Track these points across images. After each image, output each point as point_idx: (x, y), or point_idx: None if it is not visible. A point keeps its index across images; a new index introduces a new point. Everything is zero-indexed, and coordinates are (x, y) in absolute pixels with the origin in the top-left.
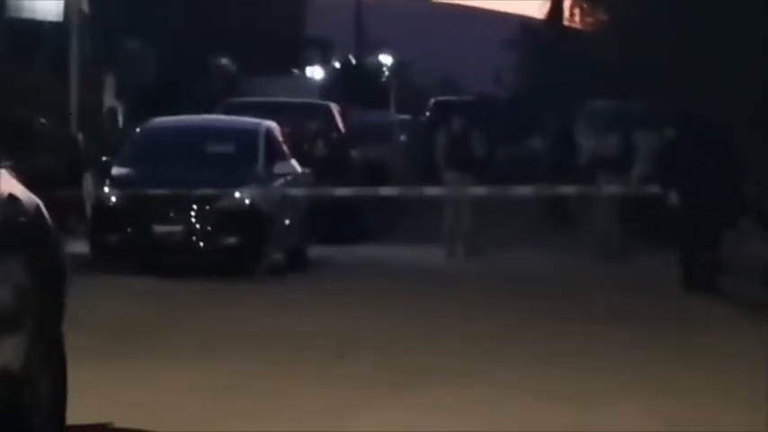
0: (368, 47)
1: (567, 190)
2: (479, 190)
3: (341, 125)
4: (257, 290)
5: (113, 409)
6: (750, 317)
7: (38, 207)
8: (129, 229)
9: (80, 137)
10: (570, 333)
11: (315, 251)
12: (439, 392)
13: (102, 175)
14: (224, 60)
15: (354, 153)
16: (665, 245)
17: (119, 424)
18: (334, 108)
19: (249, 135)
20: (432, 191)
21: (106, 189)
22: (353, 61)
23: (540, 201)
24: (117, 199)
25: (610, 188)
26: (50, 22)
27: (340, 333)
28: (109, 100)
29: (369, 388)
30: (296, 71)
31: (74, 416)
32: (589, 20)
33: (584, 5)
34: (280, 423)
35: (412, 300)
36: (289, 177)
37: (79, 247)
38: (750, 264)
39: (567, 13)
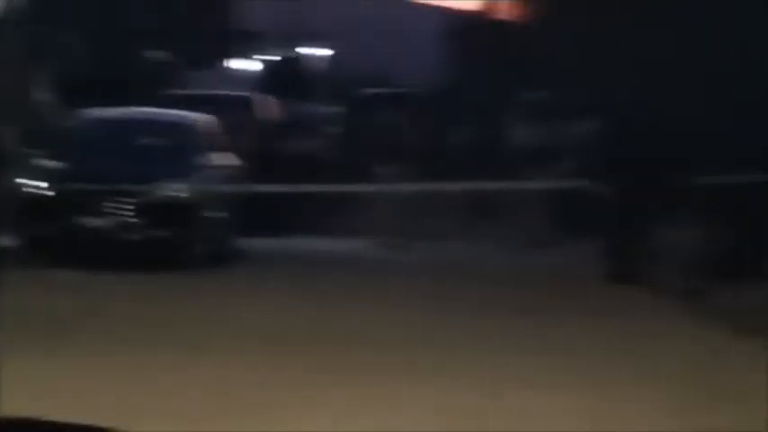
0: (300, 39)
1: (495, 185)
2: (411, 184)
3: (271, 117)
4: (188, 282)
5: (42, 401)
6: (673, 306)
7: None
8: (59, 222)
9: (10, 130)
10: (496, 323)
11: (245, 243)
12: (377, 383)
13: (33, 167)
14: (158, 52)
15: (285, 145)
16: (593, 236)
17: (48, 416)
18: (264, 100)
19: (181, 128)
20: (361, 186)
21: (37, 182)
22: (283, 53)
23: (471, 193)
24: (47, 192)
25: (537, 180)
26: None
27: (271, 324)
28: (41, 92)
29: (300, 378)
30: (228, 64)
31: (1, 408)
32: (519, 12)
33: None
34: (209, 413)
35: (342, 291)
36: (220, 170)
37: (8, 240)
38: (677, 254)
39: (497, 5)
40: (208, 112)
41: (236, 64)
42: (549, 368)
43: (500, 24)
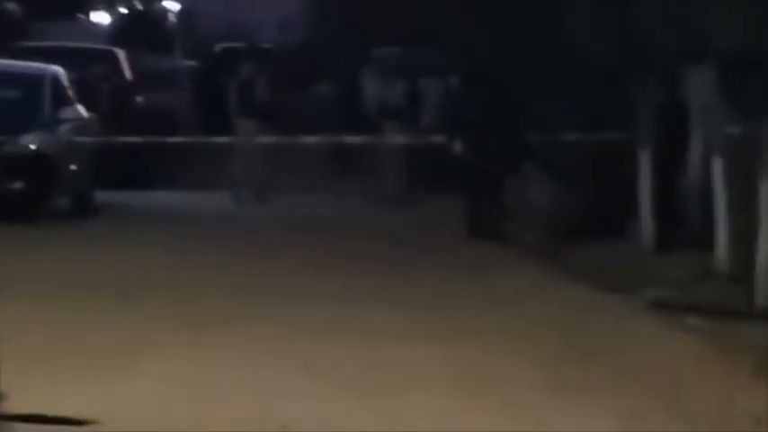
0: None
1: (354, 139)
2: (268, 138)
3: (126, 71)
4: (42, 235)
5: None
6: (532, 263)
7: None
8: None
9: None
10: (354, 277)
11: (101, 196)
12: (225, 334)
13: None
14: (8, 4)
15: (140, 99)
16: (450, 193)
17: None
18: (120, 53)
19: (35, 80)
20: (218, 139)
21: None
22: (139, 6)
23: (327, 148)
24: None
25: (395, 137)
26: None
27: (128, 276)
28: None
29: (156, 330)
30: (81, 16)
31: None
32: None
33: None
34: (66, 361)
35: (199, 244)
36: (75, 123)
37: None
38: (533, 210)
39: None
40: (73, 65)
41: (94, 16)
42: (422, 321)
43: None
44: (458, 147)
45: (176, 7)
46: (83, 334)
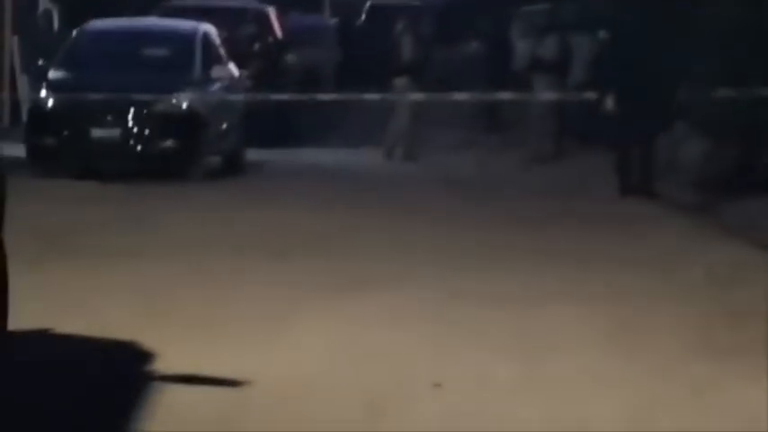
0: None
1: (504, 96)
2: (419, 95)
3: (277, 29)
4: (193, 193)
5: (52, 312)
6: (683, 220)
7: None
8: (65, 133)
9: (15, 40)
10: (507, 236)
11: (252, 155)
12: (381, 296)
13: (39, 78)
14: None
15: (291, 57)
16: (602, 149)
17: (57, 327)
18: (271, 12)
19: (186, 38)
20: (368, 96)
21: (43, 93)
22: None
23: (477, 105)
24: (53, 103)
25: (545, 94)
26: None
27: (277, 237)
28: (44, 2)
29: (309, 291)
30: None
31: (11, 321)
32: None
33: None
34: (217, 323)
35: (350, 203)
36: (226, 81)
37: (16, 151)
38: (684, 167)
39: None
40: (224, 24)
41: None
42: (572, 281)
43: None
44: (609, 103)
45: None
46: (234, 294)
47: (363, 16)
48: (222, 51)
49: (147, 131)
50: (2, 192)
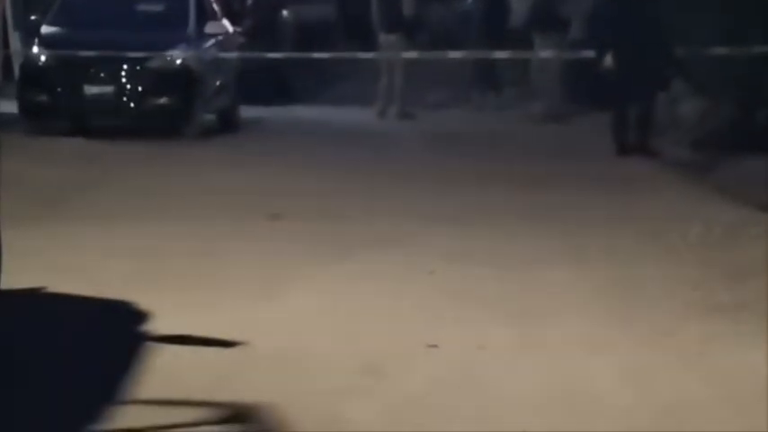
0: None
1: (501, 54)
2: (412, 53)
3: None
4: (188, 151)
5: (43, 272)
6: (681, 179)
7: None
8: (58, 90)
9: None
10: (498, 196)
11: (246, 112)
12: (373, 257)
13: (31, 34)
14: None
15: (286, 13)
16: (600, 108)
17: (50, 287)
18: None
19: None
20: (363, 54)
21: (35, 49)
22: None
23: (474, 64)
24: (46, 59)
25: (543, 52)
26: None
27: (272, 196)
28: None
29: (305, 252)
30: None
31: (3, 279)
32: None
33: None
34: (212, 284)
35: (343, 162)
36: (220, 38)
37: (7, 107)
38: (681, 127)
39: None
40: None
41: None
42: (568, 243)
43: None
44: (608, 60)
45: None
46: (228, 256)
47: None
48: (216, 7)
49: (140, 88)
50: None
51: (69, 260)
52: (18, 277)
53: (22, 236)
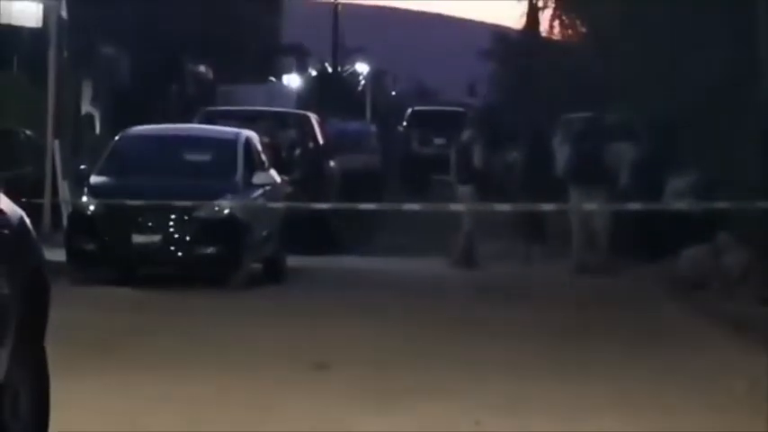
0: (344, 55)
1: (548, 206)
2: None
3: (319, 135)
4: (235, 301)
5: (91, 421)
6: (727, 334)
7: (22, 219)
8: (106, 239)
9: (57, 144)
10: (546, 348)
11: (293, 261)
12: (422, 408)
13: (80, 183)
14: (200, 67)
15: (333, 163)
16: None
17: None
18: (313, 117)
19: (228, 144)
20: (408, 205)
21: (84, 198)
22: (330, 69)
23: (521, 214)
24: (94, 208)
25: (588, 203)
26: (28, 28)
27: (320, 345)
28: (86, 106)
29: (352, 403)
30: (272, 79)
31: (52, 429)
32: (567, 31)
33: (563, 17)
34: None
35: (391, 311)
36: (267, 187)
37: (55, 255)
38: (727, 279)
39: (544, 24)
40: (266, 130)
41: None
42: (611, 395)
43: (548, 42)
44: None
45: (366, 69)
46: (276, 407)
47: (405, 122)
48: (264, 157)
49: (188, 237)
50: (46, 299)
51: (118, 411)
52: (64, 426)
53: (71, 386)
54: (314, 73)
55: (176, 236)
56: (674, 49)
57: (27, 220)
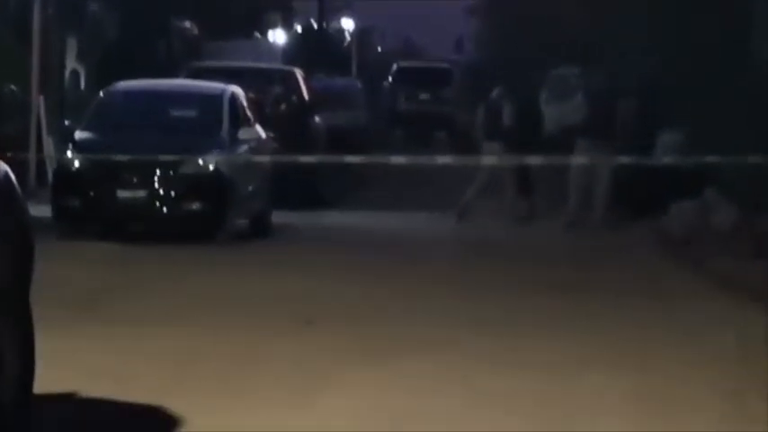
0: (330, 11)
1: (536, 160)
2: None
3: (305, 91)
4: (220, 256)
5: (76, 377)
6: (717, 288)
7: (6, 174)
8: (91, 194)
9: (42, 100)
10: (536, 305)
11: (278, 217)
12: (409, 363)
13: (64, 139)
14: (185, 23)
15: (318, 119)
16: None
17: (82, 392)
18: (299, 74)
19: (213, 100)
20: (395, 159)
21: (68, 153)
22: (316, 25)
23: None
24: (79, 163)
25: (581, 158)
26: None
27: (306, 300)
28: (71, 63)
29: (337, 356)
30: (258, 35)
31: (36, 384)
32: None
33: None
34: (245, 390)
35: (375, 268)
36: (253, 143)
37: (41, 211)
38: (716, 235)
39: None
40: (251, 85)
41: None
42: (603, 349)
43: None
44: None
45: (352, 26)
46: (261, 361)
47: (390, 78)
48: (249, 113)
49: (173, 193)
50: (30, 255)
51: (102, 365)
52: (51, 383)
53: (56, 341)
54: (300, 29)
55: (161, 191)
56: (664, 5)
57: (12, 176)
